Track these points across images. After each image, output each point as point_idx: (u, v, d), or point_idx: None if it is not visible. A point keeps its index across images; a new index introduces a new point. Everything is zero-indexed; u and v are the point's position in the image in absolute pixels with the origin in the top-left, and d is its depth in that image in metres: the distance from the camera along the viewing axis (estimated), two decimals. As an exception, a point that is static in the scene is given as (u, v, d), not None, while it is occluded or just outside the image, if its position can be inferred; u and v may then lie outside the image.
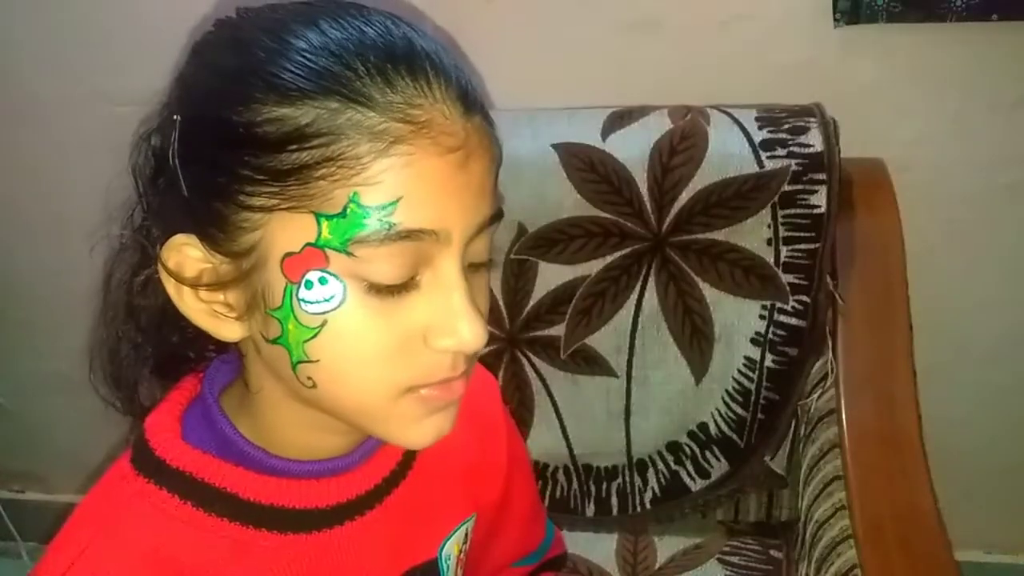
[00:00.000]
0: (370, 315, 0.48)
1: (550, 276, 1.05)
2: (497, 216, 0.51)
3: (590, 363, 1.07)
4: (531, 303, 1.06)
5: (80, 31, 1.24)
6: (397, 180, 0.45)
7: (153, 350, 0.58)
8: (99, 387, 0.59)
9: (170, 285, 0.51)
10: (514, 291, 1.06)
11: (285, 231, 0.47)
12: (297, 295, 0.47)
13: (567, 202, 1.03)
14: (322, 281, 0.47)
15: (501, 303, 1.07)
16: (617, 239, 1.03)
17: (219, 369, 0.59)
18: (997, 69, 1.10)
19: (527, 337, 1.08)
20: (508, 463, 0.72)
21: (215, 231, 0.49)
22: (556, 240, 1.04)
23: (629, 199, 1.01)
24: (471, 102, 0.49)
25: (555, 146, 1.03)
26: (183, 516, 0.53)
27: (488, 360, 1.09)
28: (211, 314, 0.51)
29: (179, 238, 0.50)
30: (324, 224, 0.46)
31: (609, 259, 1.03)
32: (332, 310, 0.47)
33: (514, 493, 0.73)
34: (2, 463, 1.65)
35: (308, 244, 0.46)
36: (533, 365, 1.09)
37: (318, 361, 0.49)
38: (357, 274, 0.47)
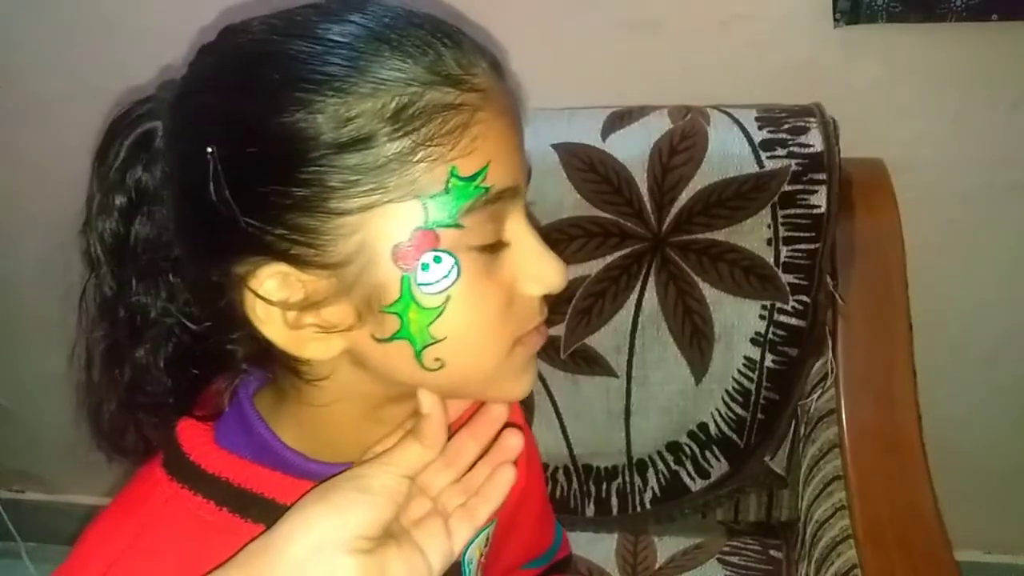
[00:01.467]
0: (482, 279, 0.49)
1: (550, 276, 1.05)
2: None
3: (590, 363, 1.07)
4: (531, 303, 1.06)
5: (80, 31, 1.24)
6: (484, 146, 0.47)
7: (173, 404, 0.56)
8: (107, 455, 0.57)
9: (263, 322, 0.49)
10: (514, 291, 1.06)
11: (389, 223, 0.46)
12: (416, 281, 0.47)
13: (567, 202, 1.03)
14: (437, 260, 0.47)
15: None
16: (617, 239, 1.03)
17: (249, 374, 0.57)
18: (997, 69, 1.10)
19: (527, 337, 1.08)
20: (524, 465, 0.71)
21: (304, 249, 0.47)
22: (556, 240, 1.03)
23: (629, 199, 1.01)
24: (500, 67, 0.52)
25: (555, 146, 1.03)
26: (220, 522, 0.52)
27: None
28: (310, 338, 0.49)
29: (266, 269, 0.48)
30: (431, 204, 0.46)
31: (609, 259, 1.03)
32: (451, 285, 0.48)
33: (528, 495, 0.73)
34: (2, 463, 1.65)
35: (418, 228, 0.47)
36: (533, 365, 1.09)
37: (444, 339, 0.49)
38: (463, 244, 0.48)
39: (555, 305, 1.04)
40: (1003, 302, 1.23)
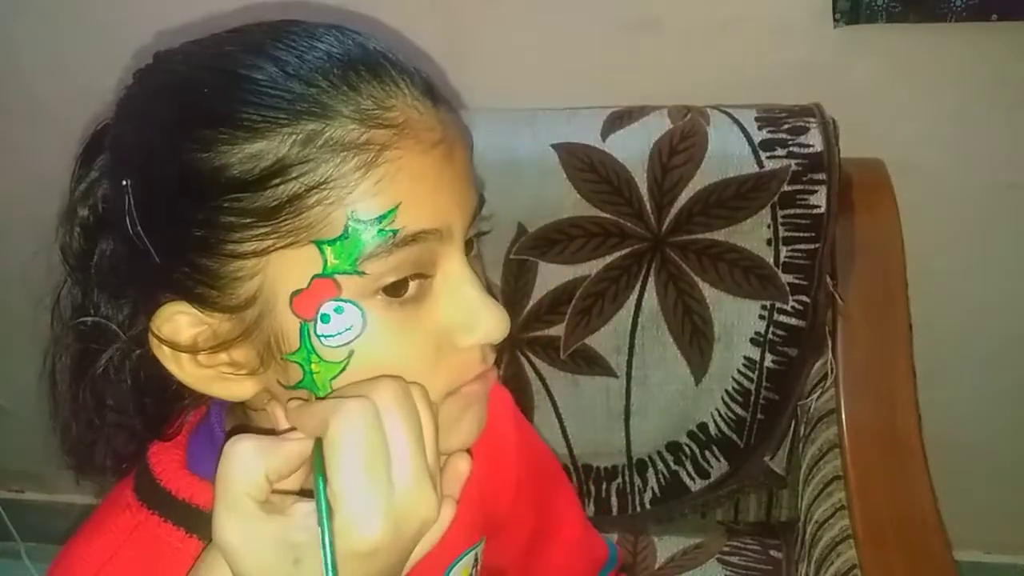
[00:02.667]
0: (395, 332, 0.46)
1: (550, 276, 1.05)
2: (483, 201, 0.50)
3: (590, 363, 1.07)
4: (531, 303, 1.06)
5: (80, 31, 1.24)
6: (391, 187, 0.44)
7: (134, 426, 0.54)
8: (74, 474, 0.55)
9: (168, 359, 0.48)
10: (514, 291, 1.06)
11: (287, 269, 0.44)
12: (315, 332, 0.45)
13: (567, 202, 1.02)
14: (338, 310, 0.44)
15: (501, 303, 1.07)
16: (617, 239, 1.03)
17: None
18: (997, 69, 1.10)
19: (527, 337, 1.08)
20: (530, 482, 0.69)
21: (206, 290, 0.46)
22: (556, 240, 1.04)
23: (629, 199, 1.01)
24: (437, 94, 0.48)
25: (555, 146, 1.03)
26: (190, 549, 0.50)
27: (488, 360, 1.09)
28: (218, 378, 0.48)
29: (168, 307, 0.47)
30: (328, 251, 0.44)
31: (609, 259, 1.03)
32: (356, 338, 0.45)
33: (555, 515, 0.72)
34: (2, 463, 1.65)
35: (315, 276, 0.44)
36: (533, 365, 1.09)
37: None
38: (371, 292, 0.45)
39: (555, 305, 1.06)
40: (1003, 302, 1.23)
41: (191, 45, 0.49)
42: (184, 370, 0.48)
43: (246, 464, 0.43)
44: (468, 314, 0.48)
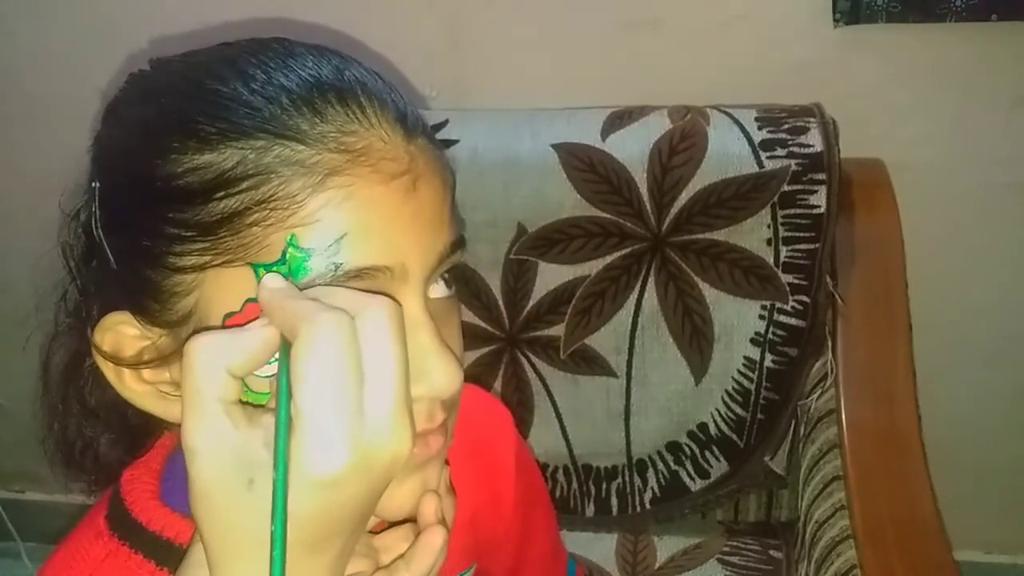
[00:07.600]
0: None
1: (550, 276, 1.05)
2: (459, 243, 0.47)
3: (590, 363, 1.07)
4: (531, 303, 1.06)
5: (80, 31, 1.24)
6: (338, 215, 0.41)
7: (119, 435, 0.53)
8: (63, 477, 0.54)
9: (108, 370, 0.46)
10: (514, 291, 1.06)
11: (222, 289, 0.42)
12: None
13: (567, 202, 1.03)
14: None
15: (501, 303, 1.07)
16: (617, 239, 1.03)
17: None
18: (997, 69, 1.10)
19: (527, 337, 1.08)
20: (523, 502, 0.68)
21: (149, 302, 0.44)
22: (556, 240, 1.04)
23: (629, 199, 1.01)
24: (412, 125, 0.45)
25: (555, 146, 1.03)
26: None
27: (488, 360, 1.09)
28: (158, 396, 0.46)
29: (112, 316, 0.45)
30: (263, 275, 0.41)
31: (609, 259, 1.03)
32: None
33: (534, 533, 0.71)
34: (2, 463, 1.64)
35: (249, 300, 0.41)
36: (533, 365, 1.09)
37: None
38: None
39: (555, 305, 1.06)
40: (1003, 302, 1.23)
41: (181, 55, 0.48)
42: (124, 384, 0.46)
43: (206, 362, 0.39)
44: (415, 362, 0.42)
